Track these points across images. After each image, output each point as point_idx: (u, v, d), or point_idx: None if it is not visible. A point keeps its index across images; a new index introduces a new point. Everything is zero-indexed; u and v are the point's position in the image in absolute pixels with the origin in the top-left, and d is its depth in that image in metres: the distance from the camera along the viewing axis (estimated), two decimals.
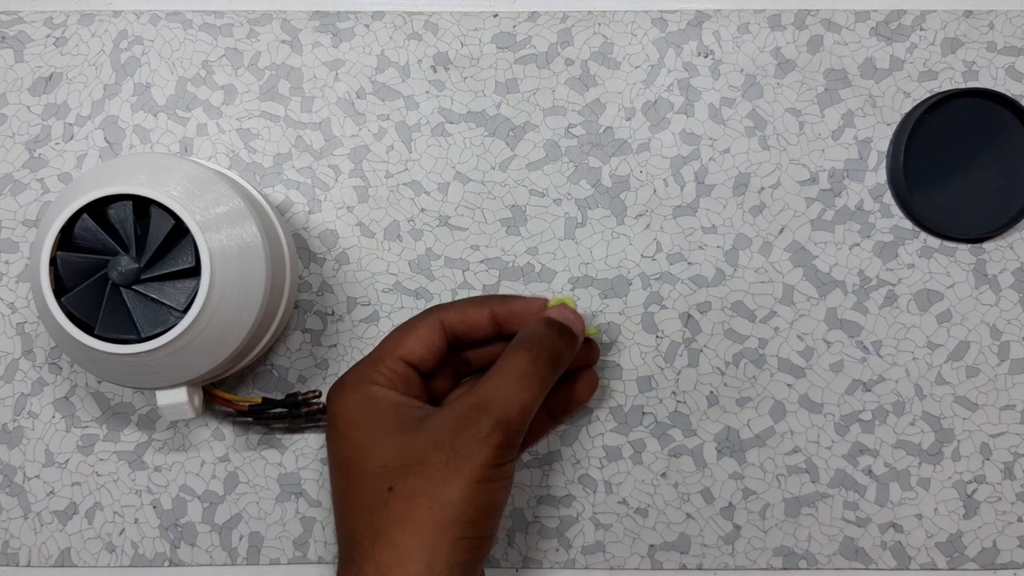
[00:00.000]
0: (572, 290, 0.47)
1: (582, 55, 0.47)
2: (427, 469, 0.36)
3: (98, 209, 0.37)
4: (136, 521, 0.46)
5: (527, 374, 0.38)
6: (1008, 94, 0.46)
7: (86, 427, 0.46)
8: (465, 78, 0.47)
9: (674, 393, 0.46)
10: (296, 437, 0.46)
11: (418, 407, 0.39)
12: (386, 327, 0.46)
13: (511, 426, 0.37)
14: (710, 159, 0.47)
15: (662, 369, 0.46)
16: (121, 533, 0.46)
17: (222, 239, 0.38)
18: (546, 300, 0.42)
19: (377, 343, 0.41)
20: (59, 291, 0.37)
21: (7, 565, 0.46)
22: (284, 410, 0.44)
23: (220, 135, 0.47)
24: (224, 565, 0.46)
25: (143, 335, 0.37)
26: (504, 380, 0.38)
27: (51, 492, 0.46)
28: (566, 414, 0.44)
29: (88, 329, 0.37)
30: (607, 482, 0.46)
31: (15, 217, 0.47)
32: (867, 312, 0.46)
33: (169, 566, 0.46)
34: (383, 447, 0.37)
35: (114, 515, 0.46)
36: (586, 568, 0.46)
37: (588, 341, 0.44)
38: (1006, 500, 0.46)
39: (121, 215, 0.37)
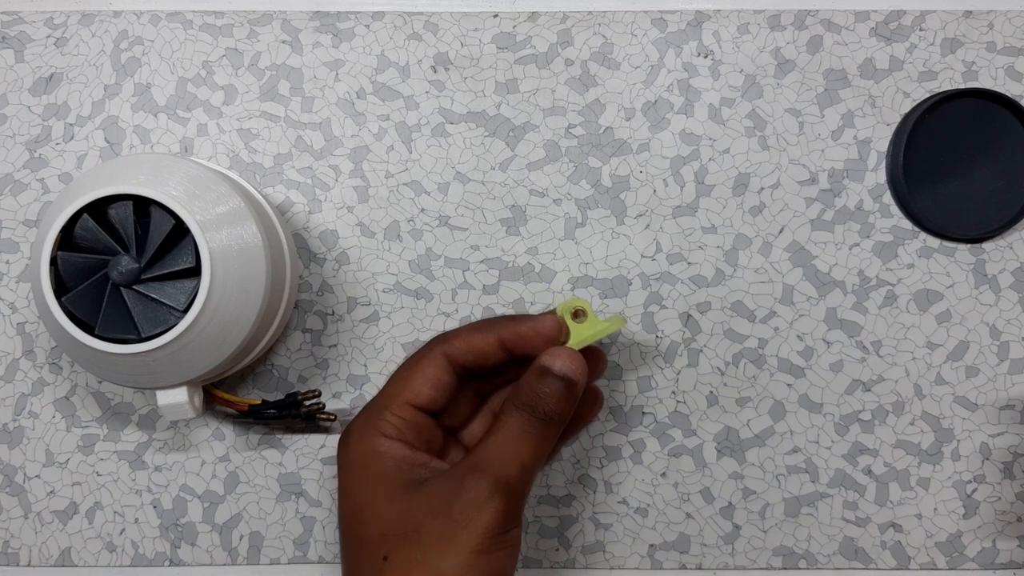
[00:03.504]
0: (572, 290, 0.47)
1: (582, 55, 0.47)
2: (423, 538, 0.34)
3: (98, 209, 0.37)
4: (136, 521, 0.46)
5: (524, 431, 0.36)
6: (1008, 94, 0.46)
7: (86, 427, 0.46)
8: (465, 78, 0.47)
9: (674, 393, 0.46)
10: (296, 437, 0.46)
11: (422, 465, 0.37)
12: (386, 327, 0.46)
13: (511, 488, 0.34)
14: (710, 159, 0.47)
15: (662, 369, 0.46)
16: (121, 533, 0.46)
17: (222, 239, 0.38)
18: (555, 317, 0.39)
19: (383, 384, 0.39)
20: (59, 291, 0.37)
21: (7, 565, 0.46)
22: (284, 410, 0.44)
23: (220, 135, 0.47)
24: (224, 565, 0.46)
25: (143, 335, 0.37)
26: (500, 439, 0.36)
27: (51, 492, 0.46)
28: (571, 435, 0.42)
29: (88, 329, 0.37)
30: (607, 482, 0.46)
31: (15, 217, 0.47)
32: (867, 312, 0.46)
33: (169, 566, 0.46)
34: (381, 512, 0.35)
35: (114, 515, 0.46)
36: (586, 568, 0.46)
37: (594, 351, 0.42)
38: (1006, 500, 0.46)
39: (121, 215, 0.38)
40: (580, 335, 0.39)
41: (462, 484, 0.34)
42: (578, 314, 0.39)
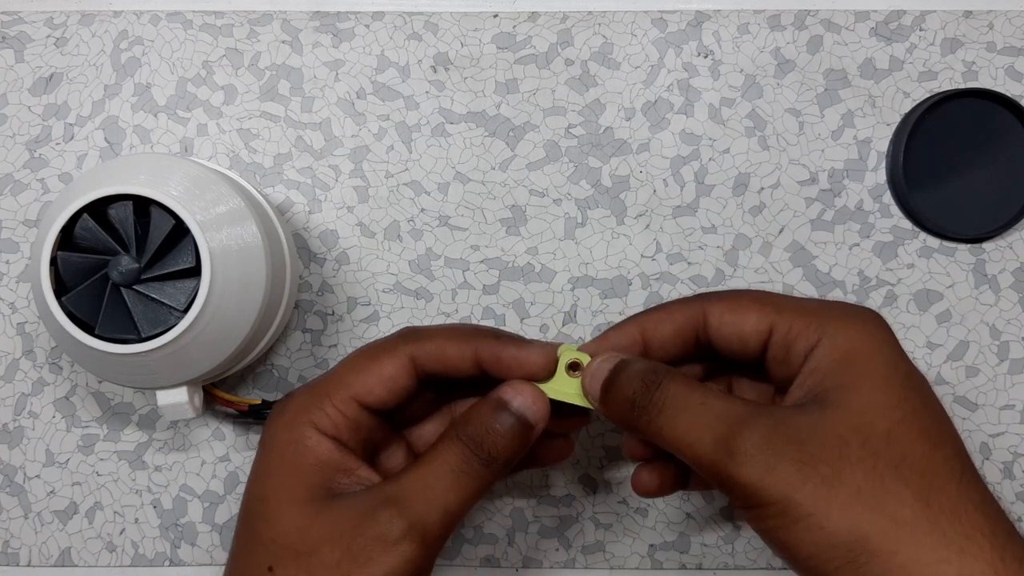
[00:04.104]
0: (572, 290, 0.47)
1: (582, 55, 0.47)
2: (314, 565, 0.30)
3: (98, 209, 0.37)
4: (136, 521, 0.46)
5: (459, 469, 0.31)
6: (1008, 94, 0.46)
7: (86, 427, 0.46)
8: (465, 78, 0.47)
9: None
10: None
11: (347, 472, 0.33)
12: (386, 327, 0.46)
13: (428, 534, 0.30)
14: (710, 159, 0.47)
15: None
16: (121, 533, 0.46)
17: (222, 239, 0.38)
18: (544, 353, 0.35)
19: (337, 364, 0.36)
20: (59, 291, 0.37)
21: (7, 565, 0.46)
22: None
23: (220, 135, 0.47)
24: (224, 565, 0.46)
25: (143, 335, 0.37)
26: (429, 473, 0.31)
27: (51, 492, 0.46)
28: (521, 469, 0.38)
29: (88, 329, 0.37)
30: (607, 482, 0.46)
31: (15, 217, 0.47)
32: None
33: (169, 566, 0.46)
34: (282, 514, 0.31)
35: (114, 515, 0.46)
36: (586, 568, 0.46)
37: (581, 410, 0.37)
38: (1006, 500, 0.46)
39: (121, 215, 0.38)
40: (562, 387, 0.35)
41: (373, 516, 0.30)
42: (575, 367, 0.35)
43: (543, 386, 0.35)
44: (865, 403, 0.30)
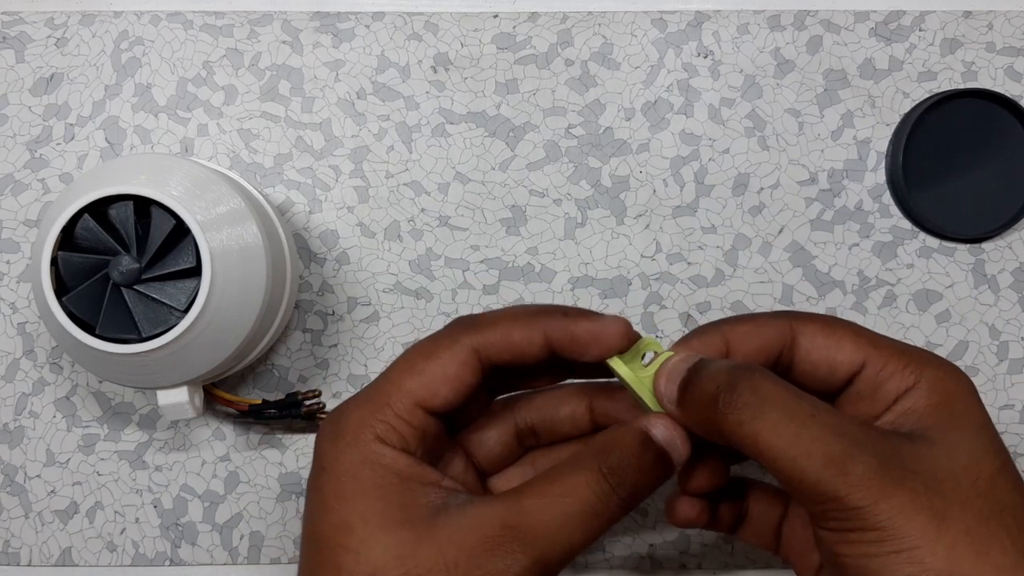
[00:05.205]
0: (572, 290, 0.47)
1: (582, 56, 0.47)
2: None
3: (99, 209, 0.37)
4: (137, 520, 0.46)
5: (593, 512, 0.29)
6: (1007, 95, 0.46)
7: (87, 427, 0.46)
8: (465, 79, 0.47)
9: None
10: (297, 436, 0.46)
11: (433, 484, 0.30)
12: (386, 327, 0.47)
13: (547, 571, 0.29)
14: (710, 159, 0.47)
15: None
16: (122, 532, 0.46)
17: (223, 239, 0.38)
18: (622, 321, 0.32)
19: (386, 367, 0.32)
20: (60, 291, 0.37)
21: (8, 564, 0.46)
22: (284, 410, 0.45)
23: (221, 135, 0.47)
24: (225, 564, 0.46)
25: (144, 335, 0.37)
26: (558, 507, 0.29)
27: (52, 491, 0.46)
28: None
29: (89, 329, 0.37)
30: None
31: (16, 217, 0.47)
32: (866, 312, 0.46)
33: (170, 565, 0.46)
34: (375, 544, 0.28)
35: (115, 514, 0.46)
36: (586, 568, 0.46)
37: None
38: None
39: (122, 215, 0.38)
40: (641, 376, 0.33)
41: (493, 550, 0.28)
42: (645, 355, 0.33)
43: (618, 362, 0.32)
44: (970, 445, 0.29)
